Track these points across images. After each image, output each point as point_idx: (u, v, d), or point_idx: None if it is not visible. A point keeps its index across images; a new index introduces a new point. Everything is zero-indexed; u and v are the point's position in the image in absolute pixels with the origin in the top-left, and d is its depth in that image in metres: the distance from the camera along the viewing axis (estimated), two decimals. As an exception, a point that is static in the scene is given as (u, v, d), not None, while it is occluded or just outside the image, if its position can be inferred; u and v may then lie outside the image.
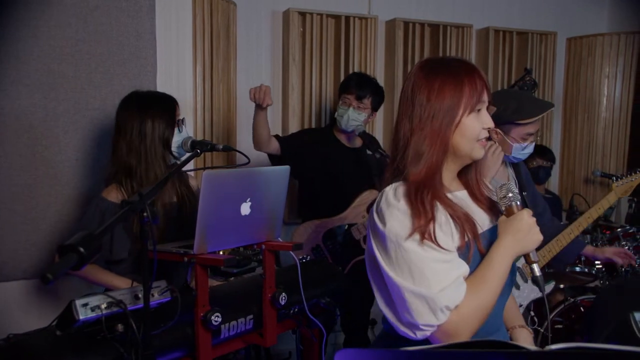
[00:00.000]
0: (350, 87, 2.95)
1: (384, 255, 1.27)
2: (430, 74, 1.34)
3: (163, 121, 2.08)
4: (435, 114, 1.31)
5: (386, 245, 1.26)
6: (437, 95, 1.31)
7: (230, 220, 1.71)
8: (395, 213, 1.26)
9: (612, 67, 4.26)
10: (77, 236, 1.24)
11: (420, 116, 1.32)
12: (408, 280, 1.23)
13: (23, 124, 2.42)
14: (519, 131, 2.29)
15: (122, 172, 2.06)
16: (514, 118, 2.26)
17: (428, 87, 1.32)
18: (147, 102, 2.11)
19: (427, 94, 1.32)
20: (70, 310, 1.45)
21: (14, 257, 2.44)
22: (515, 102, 2.29)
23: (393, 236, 1.24)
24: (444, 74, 1.32)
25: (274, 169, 1.92)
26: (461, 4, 4.05)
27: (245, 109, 3.51)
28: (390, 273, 1.25)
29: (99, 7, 2.54)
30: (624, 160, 4.31)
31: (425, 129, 1.31)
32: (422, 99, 1.32)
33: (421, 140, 1.31)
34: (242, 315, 1.84)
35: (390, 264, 1.25)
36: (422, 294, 1.21)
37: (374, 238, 1.31)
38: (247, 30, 3.47)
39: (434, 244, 1.24)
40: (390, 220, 1.26)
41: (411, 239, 1.23)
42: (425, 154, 1.31)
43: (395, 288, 1.24)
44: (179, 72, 2.84)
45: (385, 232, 1.26)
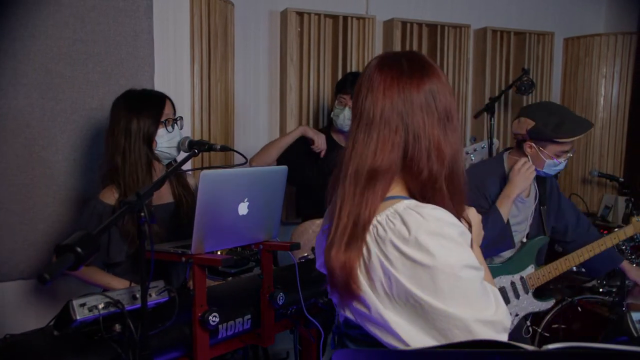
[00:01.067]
0: (346, 87, 2.94)
1: (430, 291, 1.10)
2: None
3: (149, 119, 2.06)
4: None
5: (436, 279, 1.10)
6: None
7: (227, 221, 1.71)
8: (442, 241, 1.11)
9: (610, 67, 4.27)
10: (74, 236, 1.23)
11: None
12: (469, 309, 1.10)
13: (20, 124, 2.41)
14: (555, 148, 2.27)
15: (112, 173, 2.06)
16: (553, 136, 2.23)
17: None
18: (135, 100, 2.09)
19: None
20: (68, 310, 1.45)
21: (12, 257, 2.43)
22: (556, 119, 2.25)
23: (448, 268, 1.10)
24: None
25: (272, 169, 1.92)
26: (459, 4, 4.05)
27: (243, 109, 3.51)
28: (445, 309, 1.09)
29: (96, 7, 2.53)
30: (621, 160, 4.32)
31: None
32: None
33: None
34: (239, 315, 1.84)
35: (442, 298, 1.09)
36: (488, 319, 1.11)
37: (405, 271, 1.12)
38: (244, 30, 3.47)
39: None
40: (440, 250, 1.10)
41: (467, 266, 1.12)
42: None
43: (455, 322, 1.09)
44: (176, 72, 2.84)
45: (434, 264, 1.10)
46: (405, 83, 1.23)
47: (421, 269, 1.10)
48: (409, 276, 1.11)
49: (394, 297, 1.13)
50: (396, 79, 1.23)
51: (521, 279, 2.46)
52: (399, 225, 1.14)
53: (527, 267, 2.47)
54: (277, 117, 3.61)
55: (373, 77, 1.25)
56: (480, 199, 2.34)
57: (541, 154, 2.29)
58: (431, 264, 1.10)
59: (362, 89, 1.26)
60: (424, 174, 1.21)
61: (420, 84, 1.23)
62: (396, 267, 1.12)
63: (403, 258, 1.12)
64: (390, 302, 1.14)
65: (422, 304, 1.10)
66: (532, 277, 2.47)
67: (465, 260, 1.12)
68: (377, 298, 1.15)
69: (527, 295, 2.47)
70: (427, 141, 1.21)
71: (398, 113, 1.21)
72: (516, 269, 2.46)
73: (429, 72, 1.25)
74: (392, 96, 1.22)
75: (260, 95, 3.58)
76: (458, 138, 1.27)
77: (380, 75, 1.24)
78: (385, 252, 1.14)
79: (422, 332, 1.12)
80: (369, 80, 1.25)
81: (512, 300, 2.43)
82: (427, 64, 1.27)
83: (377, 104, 1.22)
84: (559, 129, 2.23)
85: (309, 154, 2.97)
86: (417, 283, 1.11)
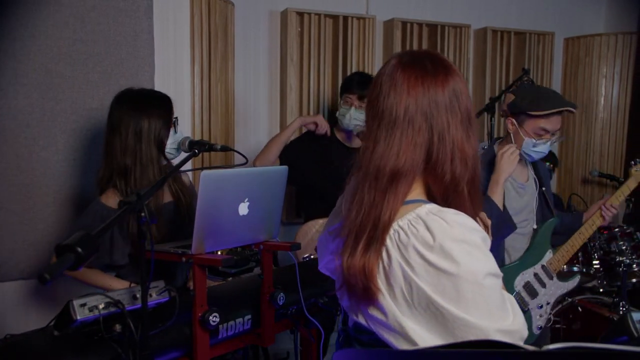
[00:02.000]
0: (352, 86, 2.94)
1: (452, 298, 1.08)
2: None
3: (160, 121, 2.04)
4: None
5: (459, 287, 1.08)
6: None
7: (228, 221, 1.71)
8: (467, 248, 1.10)
9: (610, 67, 4.27)
10: (74, 236, 1.23)
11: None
12: (489, 318, 1.09)
13: (20, 124, 2.41)
14: (532, 124, 2.27)
15: (117, 175, 2.01)
16: (528, 108, 2.25)
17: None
18: (144, 101, 2.06)
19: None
20: (68, 310, 1.45)
21: (12, 257, 2.43)
22: (534, 94, 2.28)
23: (471, 276, 1.08)
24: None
25: (272, 169, 1.92)
26: (459, 4, 4.05)
27: (243, 109, 3.51)
28: (467, 317, 1.08)
29: (96, 7, 2.53)
30: (622, 160, 4.32)
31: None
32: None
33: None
34: (240, 315, 1.84)
35: (464, 307, 1.08)
36: (507, 329, 1.10)
37: (427, 278, 1.10)
38: (245, 30, 3.47)
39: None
40: (464, 257, 1.09)
41: (490, 274, 1.11)
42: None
43: (475, 331, 1.08)
44: (176, 72, 2.84)
45: (459, 272, 1.08)
46: (430, 82, 1.20)
47: (445, 276, 1.08)
48: (432, 284, 1.09)
49: (413, 304, 1.11)
50: (420, 77, 1.20)
51: (542, 267, 2.44)
52: (422, 232, 1.12)
53: (545, 254, 2.46)
54: (277, 117, 3.61)
55: (395, 76, 1.21)
56: None
57: (520, 131, 2.30)
58: (455, 272, 1.08)
59: (382, 88, 1.22)
60: (447, 177, 1.19)
61: (445, 83, 1.20)
62: (418, 274, 1.10)
63: (426, 265, 1.09)
64: (409, 309, 1.12)
65: (442, 312, 1.09)
66: (552, 262, 2.45)
67: (489, 268, 1.11)
68: (396, 305, 1.13)
69: (552, 281, 2.46)
70: (451, 143, 1.18)
71: (422, 113, 1.18)
72: (535, 260, 2.44)
73: (451, 72, 1.23)
74: (417, 95, 1.19)
75: (260, 95, 3.58)
76: (477, 140, 1.25)
77: (404, 74, 1.21)
78: (407, 258, 1.12)
79: (440, 340, 1.10)
80: (391, 78, 1.21)
81: (540, 291, 2.41)
82: (448, 64, 1.25)
83: (400, 102, 1.19)
84: (535, 102, 2.25)
85: (310, 154, 2.97)
86: (440, 291, 1.09)
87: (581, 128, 4.38)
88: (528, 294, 2.39)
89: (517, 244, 2.44)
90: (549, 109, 2.24)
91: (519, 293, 2.37)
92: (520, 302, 2.37)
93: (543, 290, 2.43)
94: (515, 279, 2.38)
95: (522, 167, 2.45)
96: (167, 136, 2.06)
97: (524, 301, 2.38)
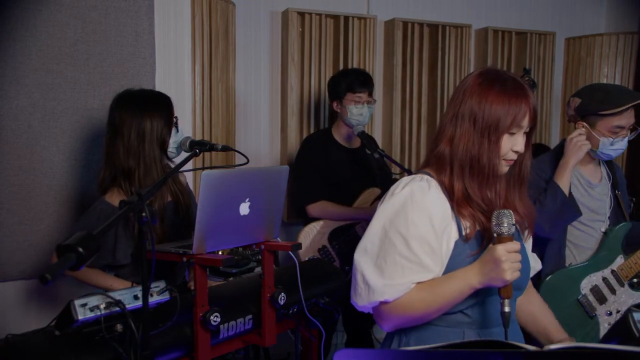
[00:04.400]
0: (357, 84, 2.89)
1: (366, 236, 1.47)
2: (485, 84, 1.41)
3: (162, 121, 2.04)
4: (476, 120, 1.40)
5: (373, 219, 1.47)
6: (486, 104, 1.39)
7: (229, 221, 1.71)
8: (396, 203, 1.44)
9: (611, 67, 4.27)
10: (75, 236, 1.23)
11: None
12: (369, 258, 1.46)
13: (21, 124, 2.42)
14: (605, 124, 2.21)
15: (121, 176, 2.01)
16: (599, 108, 2.19)
17: (480, 95, 1.40)
18: (145, 101, 2.06)
19: (478, 100, 1.39)
20: (69, 310, 1.45)
21: (12, 257, 2.44)
22: (601, 93, 2.22)
23: (383, 216, 1.45)
24: (498, 88, 1.39)
25: (273, 169, 1.92)
26: (460, 4, 4.05)
27: (244, 109, 3.51)
28: (362, 243, 1.48)
29: (97, 7, 2.53)
30: (623, 160, 4.31)
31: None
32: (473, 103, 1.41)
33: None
34: (241, 315, 1.84)
35: (365, 236, 1.48)
36: (367, 278, 1.45)
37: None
38: (246, 30, 3.47)
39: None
40: (389, 209, 1.44)
41: (396, 229, 1.42)
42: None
43: (356, 257, 1.47)
44: (177, 72, 2.84)
45: (379, 216, 1.45)
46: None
47: (379, 208, 1.45)
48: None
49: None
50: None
51: (612, 272, 2.33)
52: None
53: (615, 259, 2.35)
54: (278, 117, 3.62)
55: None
56: (540, 181, 2.29)
57: (594, 133, 2.23)
58: (381, 207, 1.43)
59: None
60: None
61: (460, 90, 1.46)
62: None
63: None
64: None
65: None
66: (623, 268, 2.34)
67: (397, 222, 1.40)
68: None
69: (623, 288, 2.34)
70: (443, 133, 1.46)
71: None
72: (605, 264, 2.34)
73: (465, 81, 1.46)
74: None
75: (261, 95, 3.58)
76: (495, 148, 1.40)
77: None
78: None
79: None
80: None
81: (609, 297, 2.31)
82: (466, 77, 1.47)
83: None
84: (604, 100, 2.19)
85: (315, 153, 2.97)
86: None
87: (582, 128, 4.37)
88: (596, 298, 2.29)
89: (584, 243, 2.36)
90: (621, 105, 2.17)
91: (585, 296, 2.28)
92: (587, 306, 2.28)
93: (613, 297, 2.32)
94: (582, 280, 2.29)
95: (594, 167, 2.39)
96: (169, 135, 2.07)
97: (591, 306, 2.29)
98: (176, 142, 2.09)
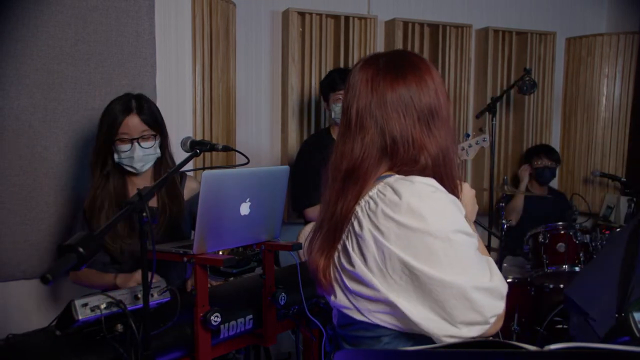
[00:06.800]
0: (337, 82, 2.92)
1: (424, 258, 1.09)
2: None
3: (101, 134, 2.07)
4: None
5: (429, 244, 1.09)
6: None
7: (229, 221, 1.71)
8: (433, 205, 1.12)
9: (612, 67, 4.27)
10: (76, 236, 1.24)
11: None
12: (464, 275, 1.10)
13: (22, 124, 2.42)
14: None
15: None
16: None
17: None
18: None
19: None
20: (70, 310, 1.45)
21: (13, 257, 2.44)
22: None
23: (440, 232, 1.09)
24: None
25: (274, 169, 1.92)
26: (460, 4, 4.05)
27: (245, 109, 3.51)
28: (442, 276, 1.09)
29: (98, 7, 2.53)
30: (624, 160, 4.31)
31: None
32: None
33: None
34: (241, 315, 1.84)
35: (437, 265, 1.09)
36: (486, 286, 1.11)
37: (398, 241, 1.11)
38: (246, 30, 3.48)
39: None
40: (431, 213, 1.10)
41: (459, 231, 1.12)
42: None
43: (452, 291, 1.09)
44: (178, 72, 2.84)
45: (427, 228, 1.09)
46: (379, 83, 1.21)
47: (414, 235, 1.09)
48: (403, 246, 1.10)
49: (388, 273, 1.13)
50: (370, 79, 1.22)
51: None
52: (389, 195, 1.14)
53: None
54: (278, 117, 3.62)
55: (353, 77, 1.25)
56: None
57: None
58: (424, 228, 1.09)
59: (347, 89, 1.27)
60: (406, 167, 1.21)
61: (395, 83, 1.20)
62: (389, 238, 1.11)
63: (396, 227, 1.11)
64: (384, 278, 1.13)
65: (417, 274, 1.10)
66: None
67: (458, 225, 1.12)
68: (372, 275, 1.15)
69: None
70: (407, 142, 1.19)
71: (371, 114, 1.20)
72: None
73: (408, 71, 1.22)
74: (366, 96, 1.21)
75: (262, 95, 3.58)
76: (447, 132, 1.23)
77: (358, 75, 1.24)
78: (377, 224, 1.13)
79: (421, 306, 1.12)
80: (351, 79, 1.26)
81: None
82: (410, 61, 1.24)
83: (353, 104, 1.23)
84: None
85: (313, 155, 2.97)
86: (412, 252, 1.09)
87: (583, 128, 4.37)
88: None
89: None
90: None
91: None
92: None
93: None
94: None
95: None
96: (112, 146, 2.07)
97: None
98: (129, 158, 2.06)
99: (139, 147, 2.04)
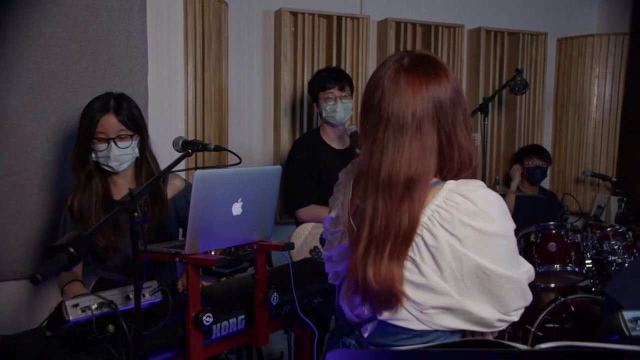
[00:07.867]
0: (327, 81, 2.94)
1: (497, 259, 1.18)
2: None
3: (80, 133, 2.07)
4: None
5: (501, 246, 1.20)
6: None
7: (221, 221, 1.71)
8: (501, 209, 1.22)
9: (602, 67, 4.29)
10: (66, 237, 1.23)
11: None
12: (519, 268, 1.25)
13: (13, 124, 2.40)
14: None
15: None
16: None
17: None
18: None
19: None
20: (61, 311, 1.45)
21: (3, 257, 2.42)
22: None
23: (510, 233, 1.22)
24: None
25: (266, 169, 1.92)
26: (453, 5, 4.06)
27: (237, 109, 3.50)
28: (509, 273, 1.19)
29: (89, 6, 2.52)
30: (614, 160, 4.34)
31: None
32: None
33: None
34: (233, 315, 1.84)
35: (505, 265, 1.19)
36: (529, 273, 1.29)
37: (475, 247, 1.17)
38: (238, 29, 3.47)
39: None
40: (502, 217, 1.21)
41: (514, 228, 1.25)
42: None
43: (514, 285, 1.21)
44: (170, 72, 2.83)
45: (501, 232, 1.20)
46: (434, 84, 1.22)
47: (488, 238, 1.17)
48: (480, 251, 1.16)
49: (462, 280, 1.18)
50: (425, 81, 1.22)
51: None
52: (462, 203, 1.17)
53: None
54: (271, 117, 3.61)
55: (399, 80, 1.23)
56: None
57: None
58: (499, 232, 1.18)
59: (385, 92, 1.23)
60: (456, 172, 1.26)
61: (447, 84, 1.23)
62: (467, 245, 1.16)
63: (474, 233, 1.16)
64: (457, 284, 1.19)
65: (489, 275, 1.17)
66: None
67: (513, 223, 1.23)
68: (446, 283, 1.19)
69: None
70: (457, 144, 1.24)
71: (429, 117, 1.20)
72: None
73: (449, 72, 1.26)
74: (423, 99, 1.20)
75: (254, 95, 3.58)
76: (472, 137, 1.31)
77: (408, 78, 1.22)
78: (454, 233, 1.17)
79: (488, 305, 1.20)
80: (395, 83, 1.23)
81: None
82: (444, 64, 1.29)
83: (407, 107, 1.20)
84: None
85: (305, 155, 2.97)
86: (487, 255, 1.17)
87: (574, 128, 4.40)
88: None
89: None
90: None
91: None
92: None
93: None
94: None
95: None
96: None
97: None
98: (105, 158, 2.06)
99: (115, 146, 2.04)
